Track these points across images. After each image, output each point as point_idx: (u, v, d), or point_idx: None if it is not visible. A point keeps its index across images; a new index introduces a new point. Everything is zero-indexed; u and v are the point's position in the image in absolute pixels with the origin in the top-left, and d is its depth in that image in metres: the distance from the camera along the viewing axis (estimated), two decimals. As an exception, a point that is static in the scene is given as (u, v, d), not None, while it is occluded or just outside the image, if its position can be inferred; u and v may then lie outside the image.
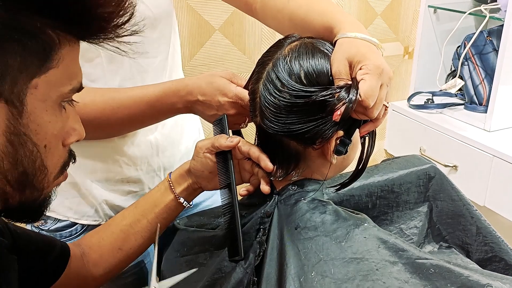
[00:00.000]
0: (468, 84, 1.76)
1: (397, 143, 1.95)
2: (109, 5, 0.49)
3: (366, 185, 0.88)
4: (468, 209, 0.88)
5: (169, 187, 0.81)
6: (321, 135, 0.68)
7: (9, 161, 0.48)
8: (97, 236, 0.81)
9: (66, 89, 0.51)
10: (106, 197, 0.93)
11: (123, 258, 0.81)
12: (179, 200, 0.81)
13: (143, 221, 0.80)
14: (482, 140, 1.56)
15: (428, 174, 0.91)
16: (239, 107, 0.78)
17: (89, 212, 0.94)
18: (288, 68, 0.67)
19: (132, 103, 0.81)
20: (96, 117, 0.81)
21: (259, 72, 0.72)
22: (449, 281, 0.64)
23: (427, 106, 1.81)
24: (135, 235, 0.80)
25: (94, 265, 0.79)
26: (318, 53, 0.69)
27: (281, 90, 0.67)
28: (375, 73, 0.63)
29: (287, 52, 0.69)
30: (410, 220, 0.91)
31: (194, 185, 0.81)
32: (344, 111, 0.63)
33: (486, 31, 1.71)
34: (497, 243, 0.85)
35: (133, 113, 0.82)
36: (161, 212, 0.81)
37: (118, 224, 0.81)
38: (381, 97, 0.65)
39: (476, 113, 1.73)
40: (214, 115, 0.81)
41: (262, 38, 1.62)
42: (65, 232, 0.94)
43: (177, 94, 0.81)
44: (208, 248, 0.81)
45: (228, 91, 0.78)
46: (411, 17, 1.90)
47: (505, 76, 1.53)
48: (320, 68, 0.67)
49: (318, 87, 0.66)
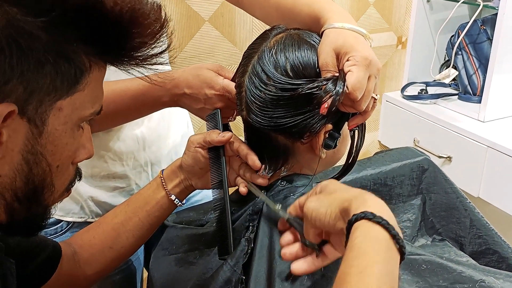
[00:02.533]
0: (462, 74, 1.74)
1: (391, 134, 1.94)
2: (147, 36, 0.50)
3: (359, 178, 0.87)
4: (461, 202, 0.88)
5: (161, 183, 0.79)
6: (309, 129, 0.66)
7: (21, 179, 0.49)
8: (88, 235, 0.80)
9: (88, 112, 0.53)
10: (92, 194, 0.92)
11: (115, 256, 0.79)
12: (170, 198, 0.79)
13: (134, 219, 0.79)
14: (476, 131, 1.55)
15: (422, 167, 0.90)
16: (226, 100, 0.76)
17: (75, 209, 0.92)
18: (274, 61, 0.66)
19: (116, 97, 0.80)
20: None
21: (244, 65, 0.70)
22: (442, 277, 0.63)
23: (421, 97, 1.80)
24: (127, 233, 0.79)
25: (85, 264, 0.78)
26: (304, 44, 0.67)
27: (267, 83, 0.65)
28: (362, 64, 0.62)
29: (272, 44, 0.68)
30: (403, 213, 0.90)
31: (186, 181, 0.79)
32: (331, 104, 0.62)
33: (480, 20, 1.70)
34: (490, 235, 0.85)
35: (118, 108, 0.80)
36: (152, 210, 0.79)
37: (110, 222, 0.80)
38: (369, 89, 0.63)
39: (470, 104, 1.72)
40: (201, 109, 0.79)
41: (253, 29, 1.60)
42: (50, 229, 0.92)
43: (163, 87, 0.79)
44: (197, 247, 0.79)
45: (215, 83, 0.76)
46: (404, 6, 1.89)
47: (499, 65, 1.52)
48: (307, 60, 0.66)
49: (305, 79, 0.65)
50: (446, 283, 0.63)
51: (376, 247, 0.48)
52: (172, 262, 0.81)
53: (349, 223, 0.51)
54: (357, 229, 0.50)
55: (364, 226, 0.49)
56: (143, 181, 0.96)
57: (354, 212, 0.51)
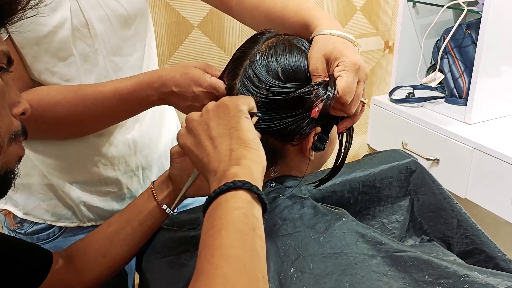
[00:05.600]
0: (448, 78, 1.77)
1: (380, 138, 1.96)
2: None
3: (348, 181, 0.88)
4: (449, 203, 0.89)
5: (152, 194, 0.81)
6: (299, 131, 0.68)
7: None
8: (82, 244, 0.81)
9: None
10: (84, 199, 0.92)
11: (109, 265, 0.80)
12: (162, 207, 0.80)
13: (127, 228, 0.80)
14: (463, 133, 1.58)
15: (409, 168, 0.91)
16: (214, 97, 0.76)
17: (67, 214, 0.92)
18: (266, 65, 0.67)
19: (105, 99, 0.80)
20: (70, 115, 0.80)
21: (235, 68, 0.71)
22: (427, 272, 0.65)
23: (409, 100, 1.82)
24: (120, 242, 0.80)
25: (79, 273, 0.79)
26: (295, 49, 0.69)
27: (259, 86, 0.67)
28: (352, 69, 0.64)
29: (264, 48, 0.69)
30: (392, 215, 0.91)
31: (176, 191, 0.80)
32: (322, 107, 0.63)
33: (465, 24, 1.73)
34: (477, 235, 0.86)
35: (107, 109, 0.81)
36: (144, 219, 0.80)
37: (104, 231, 0.81)
38: (358, 93, 0.65)
39: (457, 106, 1.74)
40: (189, 106, 0.79)
41: (241, 35, 1.61)
42: (42, 235, 0.92)
43: (151, 86, 0.79)
44: (189, 249, 0.80)
45: (202, 81, 0.76)
46: (391, 11, 1.91)
47: (484, 69, 1.55)
48: (298, 65, 0.67)
49: (296, 83, 0.66)
50: (431, 278, 0.64)
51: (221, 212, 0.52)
52: (163, 265, 0.81)
53: (203, 209, 0.55)
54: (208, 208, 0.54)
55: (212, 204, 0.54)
56: (134, 186, 0.97)
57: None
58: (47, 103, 0.78)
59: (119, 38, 0.86)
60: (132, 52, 0.89)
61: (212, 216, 0.52)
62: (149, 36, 0.96)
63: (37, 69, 0.80)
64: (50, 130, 0.83)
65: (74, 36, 0.80)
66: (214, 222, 0.51)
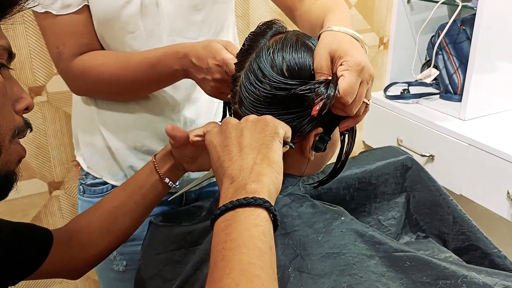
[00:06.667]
0: (443, 74, 1.77)
1: (375, 134, 1.96)
2: None
3: (344, 178, 0.88)
4: (444, 199, 0.89)
5: (154, 168, 0.82)
6: (299, 130, 0.67)
7: None
8: (85, 219, 0.82)
9: None
10: (133, 164, 1.00)
11: (112, 239, 0.82)
12: (164, 180, 0.82)
13: (130, 203, 0.82)
14: (458, 129, 1.58)
15: (405, 165, 0.91)
16: (224, 73, 0.77)
17: (120, 175, 1.01)
18: (271, 60, 0.67)
19: (137, 64, 0.87)
20: (111, 75, 0.88)
21: (242, 59, 0.71)
22: (425, 273, 0.64)
23: (404, 96, 1.82)
24: (123, 216, 0.82)
25: (84, 248, 0.80)
26: (302, 46, 0.68)
27: (262, 81, 0.66)
28: (355, 70, 0.63)
29: (271, 43, 0.69)
30: (387, 211, 0.91)
31: (178, 165, 0.82)
32: (322, 106, 0.62)
33: (460, 20, 1.73)
34: (473, 232, 0.86)
35: (139, 75, 0.87)
36: (147, 193, 0.82)
37: (106, 206, 0.83)
38: (361, 94, 0.64)
39: (452, 102, 1.74)
40: (202, 79, 0.80)
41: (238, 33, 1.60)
42: (98, 188, 1.02)
43: (176, 56, 0.82)
44: (183, 245, 0.80)
45: (217, 54, 0.77)
46: (386, 7, 1.91)
47: (478, 65, 1.55)
48: (303, 62, 0.67)
49: (299, 80, 0.66)
50: (429, 279, 0.64)
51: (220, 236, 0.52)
52: (157, 262, 0.81)
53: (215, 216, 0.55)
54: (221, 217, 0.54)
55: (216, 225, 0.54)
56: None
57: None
58: (95, 63, 0.89)
59: (186, 21, 0.91)
60: (197, 37, 0.93)
61: (229, 228, 0.52)
62: (226, 24, 1.00)
63: (107, 39, 0.89)
64: (100, 88, 0.92)
65: (142, 12, 0.87)
66: (233, 235, 0.51)
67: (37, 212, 1.49)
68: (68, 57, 0.88)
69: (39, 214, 1.49)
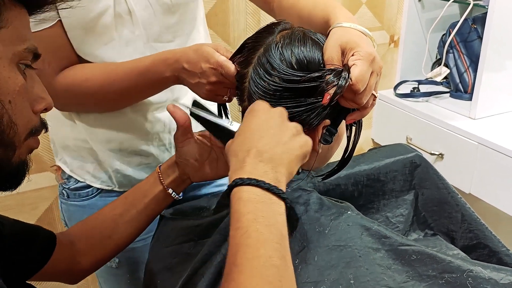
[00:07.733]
0: (453, 72, 1.76)
1: (384, 132, 1.96)
2: None
3: (352, 174, 0.88)
4: (453, 197, 0.89)
5: (158, 178, 0.83)
6: (308, 122, 0.68)
7: None
8: (87, 226, 0.83)
9: (20, 47, 0.55)
10: (119, 166, 0.99)
11: (113, 247, 0.83)
12: (167, 191, 0.82)
13: (132, 211, 0.82)
14: (468, 128, 1.57)
15: (414, 163, 0.91)
16: (219, 75, 0.77)
17: (103, 177, 1.00)
18: (280, 54, 0.68)
19: (125, 75, 0.85)
20: (98, 89, 0.86)
21: (248, 57, 0.71)
22: (431, 267, 0.65)
23: (413, 95, 1.81)
24: (125, 224, 0.82)
25: (83, 254, 0.81)
26: (309, 41, 0.69)
27: (272, 74, 0.67)
28: (367, 59, 0.64)
29: (278, 38, 0.70)
30: (396, 208, 0.91)
31: (183, 176, 0.83)
32: (334, 93, 0.63)
33: (471, 18, 1.72)
34: (481, 230, 0.86)
35: (128, 85, 0.86)
36: (150, 202, 0.83)
37: (108, 213, 0.83)
38: (371, 84, 0.65)
39: (462, 101, 1.74)
40: (197, 83, 0.80)
41: (247, 28, 1.61)
42: (83, 192, 1.01)
43: (165, 62, 0.82)
44: (192, 238, 0.81)
45: (211, 57, 0.77)
46: (396, 5, 1.90)
47: (489, 63, 1.54)
48: (311, 55, 0.68)
49: (308, 72, 0.66)
50: (435, 272, 0.64)
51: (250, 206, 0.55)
52: (166, 254, 0.82)
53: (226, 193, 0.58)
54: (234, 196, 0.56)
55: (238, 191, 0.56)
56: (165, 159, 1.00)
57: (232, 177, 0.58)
58: (80, 78, 0.86)
59: (161, 25, 0.91)
60: (173, 39, 0.94)
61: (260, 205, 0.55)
62: (197, 22, 1.00)
63: (83, 51, 0.87)
64: (86, 103, 0.91)
65: (117, 22, 0.86)
66: (264, 213, 0.55)
67: (49, 205, 1.51)
68: (50, 73, 0.85)
69: (50, 206, 1.51)
